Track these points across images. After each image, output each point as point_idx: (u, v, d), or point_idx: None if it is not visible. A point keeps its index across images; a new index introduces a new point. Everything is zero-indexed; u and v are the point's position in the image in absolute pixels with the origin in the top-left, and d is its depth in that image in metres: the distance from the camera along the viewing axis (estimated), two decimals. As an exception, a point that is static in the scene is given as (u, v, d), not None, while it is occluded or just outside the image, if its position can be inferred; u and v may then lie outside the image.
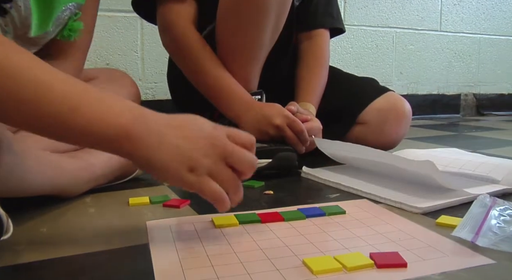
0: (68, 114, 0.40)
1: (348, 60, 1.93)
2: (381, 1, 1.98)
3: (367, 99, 1.04)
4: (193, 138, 0.45)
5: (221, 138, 0.46)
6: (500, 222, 0.51)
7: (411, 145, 1.20)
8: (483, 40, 2.26)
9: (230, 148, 0.46)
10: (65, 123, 0.41)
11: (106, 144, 0.43)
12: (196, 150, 0.44)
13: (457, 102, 2.24)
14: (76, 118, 0.41)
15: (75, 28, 0.72)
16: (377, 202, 0.65)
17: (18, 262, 0.45)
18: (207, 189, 0.45)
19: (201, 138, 0.45)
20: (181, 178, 0.44)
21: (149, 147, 0.43)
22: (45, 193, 0.60)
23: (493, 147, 1.21)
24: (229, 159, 0.46)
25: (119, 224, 0.57)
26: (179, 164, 0.44)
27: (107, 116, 0.41)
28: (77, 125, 0.41)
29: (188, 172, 0.44)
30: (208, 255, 0.45)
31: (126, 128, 0.42)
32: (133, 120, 0.42)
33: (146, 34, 1.53)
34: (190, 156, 0.44)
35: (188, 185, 0.45)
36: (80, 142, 0.45)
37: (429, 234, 0.51)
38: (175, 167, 0.44)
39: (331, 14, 1.10)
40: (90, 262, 0.45)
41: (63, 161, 0.62)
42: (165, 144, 0.43)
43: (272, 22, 0.84)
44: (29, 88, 0.40)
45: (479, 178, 0.73)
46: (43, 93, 0.40)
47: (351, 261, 0.42)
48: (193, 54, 0.88)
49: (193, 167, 0.44)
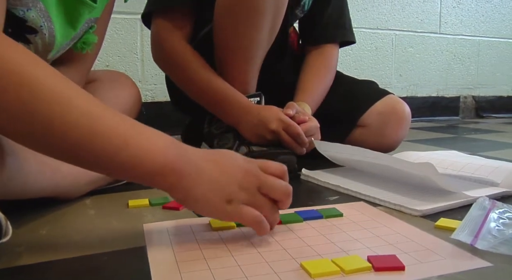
0: (116, 150, 0.42)
1: (348, 62, 1.93)
2: (381, 4, 1.98)
3: (367, 103, 1.04)
4: (229, 172, 0.47)
5: (254, 170, 0.49)
6: (500, 225, 0.51)
7: (411, 147, 1.20)
8: (482, 43, 2.27)
9: (263, 178, 0.49)
10: (112, 158, 0.42)
11: (148, 178, 0.44)
12: (233, 183, 0.47)
13: (457, 105, 2.25)
14: (122, 154, 0.42)
15: (90, 41, 0.72)
16: (376, 204, 0.65)
17: (18, 264, 0.45)
18: (246, 215, 0.47)
19: (236, 172, 0.48)
20: (221, 209, 0.47)
21: (191, 181, 0.45)
22: (46, 195, 0.60)
23: (492, 149, 1.21)
24: (263, 189, 0.48)
25: (119, 226, 0.57)
26: (218, 197, 0.46)
27: (152, 152, 0.43)
28: (122, 160, 0.42)
29: (226, 204, 0.46)
30: (206, 258, 0.45)
31: (171, 163, 0.44)
32: (177, 156, 0.44)
33: (146, 36, 1.53)
34: (228, 188, 0.46)
35: (227, 215, 0.47)
36: (121, 175, 0.47)
37: (427, 237, 0.51)
38: (215, 199, 0.46)
39: (343, 26, 1.10)
40: (90, 264, 0.45)
41: (63, 164, 0.62)
42: (205, 178, 0.46)
43: (269, 22, 0.84)
44: (82, 123, 0.41)
45: (478, 180, 0.73)
46: (95, 128, 0.41)
47: (348, 264, 0.42)
48: (185, 65, 0.89)
49: (231, 198, 0.46)
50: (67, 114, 0.40)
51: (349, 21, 1.13)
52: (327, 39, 1.09)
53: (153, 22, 0.93)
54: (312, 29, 1.09)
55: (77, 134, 0.40)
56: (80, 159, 0.43)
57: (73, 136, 0.40)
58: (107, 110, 0.43)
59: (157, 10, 0.92)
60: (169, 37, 0.90)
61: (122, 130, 0.43)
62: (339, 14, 1.10)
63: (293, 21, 1.08)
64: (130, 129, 0.43)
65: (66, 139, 0.40)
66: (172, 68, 0.93)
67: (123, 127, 0.43)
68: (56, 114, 0.40)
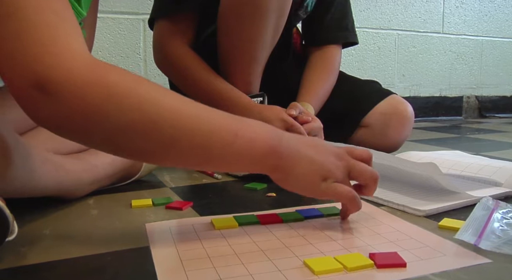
0: (229, 143, 0.45)
1: (351, 62, 1.93)
2: (384, 3, 1.98)
3: (370, 103, 1.04)
4: (323, 154, 0.51)
5: (344, 154, 0.53)
6: (503, 225, 0.51)
7: (414, 147, 1.20)
8: (486, 42, 2.26)
9: (352, 162, 0.52)
10: (226, 151, 0.46)
11: (256, 163, 0.48)
12: (327, 163, 0.50)
13: (460, 104, 2.24)
14: (234, 146, 0.46)
15: None
16: (379, 204, 0.65)
17: (21, 264, 0.45)
18: (341, 192, 0.51)
19: (329, 154, 0.51)
20: (317, 185, 0.50)
21: (290, 161, 0.49)
22: (49, 194, 0.60)
23: (496, 149, 1.21)
24: (353, 172, 0.52)
25: (122, 226, 0.57)
26: (316, 175, 0.50)
27: (260, 140, 0.47)
28: (234, 151, 0.46)
29: (322, 181, 0.50)
30: (210, 256, 0.45)
31: (273, 148, 0.48)
32: (279, 140, 0.48)
33: (148, 36, 1.53)
34: (324, 167, 0.50)
35: (323, 192, 0.50)
36: (232, 165, 0.50)
37: (430, 236, 0.51)
38: (313, 178, 0.50)
39: (346, 27, 1.11)
40: (93, 264, 0.45)
41: (67, 162, 0.62)
42: (303, 158, 0.49)
43: (273, 23, 0.84)
44: (201, 128, 0.44)
45: (481, 180, 0.73)
46: (211, 128, 0.45)
47: (351, 262, 0.43)
48: (186, 69, 0.89)
49: (326, 176, 0.50)
50: (186, 124, 0.44)
51: (352, 22, 1.13)
52: (329, 40, 1.09)
53: (156, 26, 0.94)
54: (315, 30, 1.09)
55: (198, 139, 0.44)
56: (204, 160, 0.46)
57: (195, 141, 0.44)
58: (212, 110, 0.47)
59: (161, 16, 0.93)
60: (171, 42, 0.91)
61: (231, 124, 0.47)
62: (342, 15, 1.10)
63: (296, 22, 1.08)
64: (236, 122, 0.47)
65: (191, 146, 0.44)
66: (173, 73, 0.94)
67: (230, 121, 0.47)
68: (179, 128, 0.43)
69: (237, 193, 0.75)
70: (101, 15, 1.46)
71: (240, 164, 0.48)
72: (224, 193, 0.75)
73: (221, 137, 0.45)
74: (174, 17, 0.91)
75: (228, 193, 0.75)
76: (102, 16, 1.46)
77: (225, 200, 0.70)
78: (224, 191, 0.76)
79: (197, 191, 0.76)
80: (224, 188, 0.78)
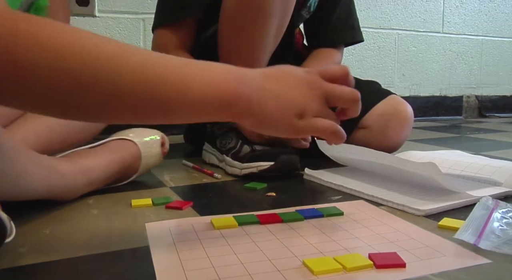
0: (183, 91, 0.40)
1: (351, 62, 1.93)
2: (383, 3, 1.98)
3: (369, 104, 1.03)
4: (293, 86, 0.46)
5: (317, 80, 0.47)
6: (503, 225, 0.51)
7: (414, 147, 1.20)
8: (486, 42, 2.26)
9: (327, 87, 0.47)
10: (180, 101, 0.40)
11: (216, 112, 0.43)
12: (299, 97, 0.45)
13: (460, 104, 2.24)
14: (188, 94, 0.40)
15: (41, 5, 0.71)
16: (379, 204, 0.65)
17: (21, 264, 0.45)
18: (321, 127, 0.46)
19: (299, 85, 0.46)
20: (294, 125, 0.45)
21: (258, 104, 0.44)
22: (41, 197, 0.59)
23: (496, 149, 1.21)
24: (330, 99, 0.47)
25: (122, 226, 0.57)
26: (289, 113, 0.45)
27: (215, 85, 0.42)
28: (189, 100, 0.41)
29: (298, 119, 0.45)
30: (209, 256, 0.45)
31: (235, 92, 0.42)
32: (238, 82, 0.43)
33: (148, 36, 1.53)
34: (297, 103, 0.45)
35: (301, 130, 0.46)
36: (189, 116, 0.43)
37: (430, 236, 0.51)
38: (286, 117, 0.45)
39: (352, 26, 1.11)
40: (93, 264, 0.45)
41: (59, 164, 0.62)
42: (271, 97, 0.44)
43: (275, 25, 0.84)
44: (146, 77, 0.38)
45: (481, 180, 0.73)
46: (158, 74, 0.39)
47: (350, 262, 0.43)
48: None
49: (301, 113, 0.45)
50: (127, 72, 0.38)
51: (357, 21, 1.13)
52: (336, 41, 1.10)
53: (155, 34, 0.95)
54: (321, 30, 1.09)
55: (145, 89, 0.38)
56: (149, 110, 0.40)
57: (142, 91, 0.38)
58: (162, 56, 0.41)
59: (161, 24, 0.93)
60: (169, 48, 0.91)
61: (182, 71, 0.41)
62: (348, 14, 1.10)
63: (299, 22, 1.07)
64: (188, 68, 0.42)
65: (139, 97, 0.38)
66: None
67: (181, 68, 0.41)
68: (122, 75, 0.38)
69: (237, 192, 0.75)
70: (101, 14, 1.46)
71: (199, 114, 0.43)
72: (224, 193, 0.75)
73: (172, 82, 0.40)
74: (173, 25, 0.92)
75: (228, 193, 0.75)
76: (102, 15, 1.46)
77: (225, 199, 0.70)
78: (224, 191, 0.76)
79: (197, 191, 0.76)
80: (224, 188, 0.78)
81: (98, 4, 1.44)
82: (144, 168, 0.78)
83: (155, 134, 0.80)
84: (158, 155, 0.80)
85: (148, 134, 0.79)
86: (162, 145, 0.81)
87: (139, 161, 0.77)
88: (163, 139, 0.81)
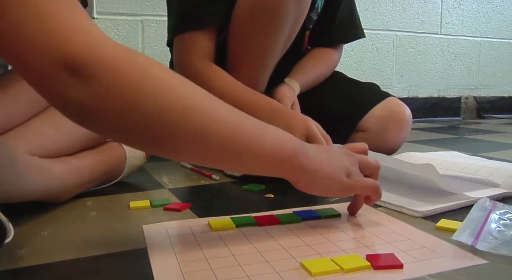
0: (259, 141, 0.46)
1: (349, 63, 1.93)
2: (382, 4, 1.98)
3: (366, 106, 1.03)
4: (335, 154, 0.54)
5: (348, 151, 0.56)
6: (500, 226, 0.51)
7: (412, 148, 1.20)
8: (484, 43, 2.26)
9: (358, 157, 0.56)
10: (257, 150, 0.46)
11: (283, 163, 0.48)
12: (344, 160, 0.53)
13: (458, 105, 2.24)
14: (263, 145, 0.47)
15: None
16: (376, 205, 0.65)
17: (19, 266, 0.45)
18: (367, 184, 0.54)
19: (339, 153, 0.54)
20: (344, 183, 0.52)
21: (316, 161, 0.50)
22: (36, 199, 0.59)
23: (494, 150, 1.21)
24: (361, 165, 0.55)
25: (120, 228, 0.57)
26: (339, 171, 0.52)
27: (284, 143, 0.48)
28: (263, 150, 0.47)
29: (346, 177, 0.52)
30: (207, 258, 0.45)
31: (297, 150, 0.49)
32: (299, 144, 0.50)
33: (147, 37, 1.54)
34: (344, 165, 0.53)
35: (351, 187, 0.53)
36: (259, 165, 0.49)
37: (427, 237, 0.51)
38: (338, 175, 0.51)
39: (354, 24, 1.11)
40: (91, 266, 0.45)
41: (52, 166, 0.62)
42: (323, 159, 0.51)
43: (287, 32, 0.84)
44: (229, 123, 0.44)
45: (479, 181, 0.73)
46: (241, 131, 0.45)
47: (348, 263, 0.43)
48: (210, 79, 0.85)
49: (348, 172, 0.52)
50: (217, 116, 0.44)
51: (359, 18, 1.13)
52: (340, 40, 1.11)
53: (175, 43, 0.90)
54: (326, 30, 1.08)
55: (229, 132, 0.44)
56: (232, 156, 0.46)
57: (225, 134, 0.44)
58: (243, 116, 0.47)
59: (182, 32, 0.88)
60: (192, 59, 0.86)
61: (259, 124, 0.48)
62: (350, 12, 1.10)
63: (309, 25, 1.07)
64: (263, 125, 0.49)
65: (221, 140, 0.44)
66: None
67: (257, 122, 0.48)
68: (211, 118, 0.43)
69: (235, 194, 0.75)
70: (100, 16, 1.46)
71: (268, 164, 0.48)
72: (222, 194, 0.75)
73: (250, 133, 0.46)
74: (197, 32, 0.87)
75: (226, 194, 0.75)
76: (101, 17, 1.46)
77: (223, 201, 0.70)
78: (222, 192, 0.76)
79: (195, 193, 0.76)
80: (222, 189, 0.78)
81: (97, 6, 1.45)
82: (129, 169, 0.79)
83: None
84: (142, 156, 0.81)
85: None
86: None
87: (125, 163, 0.78)
88: None
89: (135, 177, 0.83)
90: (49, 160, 0.63)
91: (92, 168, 0.69)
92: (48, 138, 0.66)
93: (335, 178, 0.51)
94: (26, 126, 0.65)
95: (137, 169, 0.82)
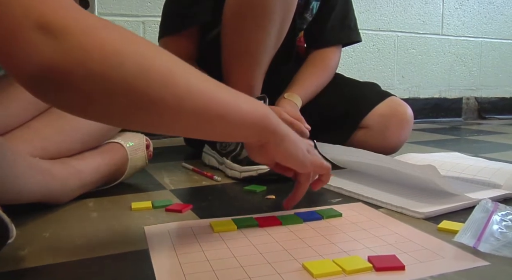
0: (232, 114, 0.47)
1: (350, 64, 1.93)
2: (383, 5, 1.98)
3: (369, 105, 1.04)
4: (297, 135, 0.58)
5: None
6: (502, 228, 0.51)
7: (413, 149, 1.20)
8: (485, 44, 2.26)
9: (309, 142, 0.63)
10: (230, 122, 0.48)
11: (258, 123, 0.51)
12: (304, 141, 0.58)
13: (459, 106, 2.24)
14: (236, 116, 0.48)
15: None
16: (378, 206, 0.65)
17: (21, 267, 0.45)
18: (323, 162, 0.60)
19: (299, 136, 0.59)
20: (306, 154, 0.56)
21: (281, 128, 0.53)
22: (36, 200, 0.59)
23: (495, 151, 1.21)
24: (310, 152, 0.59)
25: (121, 229, 0.57)
26: (303, 145, 0.56)
27: (257, 106, 0.51)
28: (236, 122, 0.48)
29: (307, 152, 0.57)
30: (209, 259, 0.45)
31: (270, 113, 0.52)
32: (270, 110, 0.53)
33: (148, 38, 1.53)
34: (305, 142, 0.57)
35: (311, 161, 0.57)
36: (235, 135, 0.53)
37: (429, 239, 0.51)
38: (301, 146, 0.56)
39: (348, 27, 1.12)
40: (92, 267, 0.45)
41: (53, 167, 0.62)
42: (290, 130, 0.55)
43: (277, 26, 0.84)
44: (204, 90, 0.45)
45: (481, 182, 0.73)
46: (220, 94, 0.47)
47: (350, 265, 0.43)
48: None
49: (308, 150, 0.58)
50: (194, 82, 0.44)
51: (354, 21, 1.13)
52: (332, 42, 1.10)
53: (160, 42, 0.96)
54: (319, 32, 1.09)
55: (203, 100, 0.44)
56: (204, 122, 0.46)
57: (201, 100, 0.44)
58: (218, 82, 0.48)
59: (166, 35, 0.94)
60: None
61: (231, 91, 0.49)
62: (344, 14, 1.11)
63: (303, 25, 1.08)
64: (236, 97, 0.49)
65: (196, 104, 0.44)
66: None
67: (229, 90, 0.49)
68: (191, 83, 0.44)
69: (237, 195, 0.75)
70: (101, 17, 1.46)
71: (245, 124, 0.49)
72: (223, 195, 0.75)
73: (227, 95, 0.47)
74: (178, 35, 0.93)
75: (227, 195, 0.75)
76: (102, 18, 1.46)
77: (224, 202, 0.70)
78: (223, 193, 0.76)
79: (196, 194, 0.76)
80: (223, 190, 0.78)
81: (98, 6, 1.45)
82: (130, 170, 0.79)
83: (140, 138, 0.82)
84: (144, 157, 0.81)
85: (134, 138, 0.81)
86: (147, 147, 0.82)
87: (127, 164, 0.78)
88: (147, 142, 0.83)
89: (137, 178, 0.83)
90: (50, 162, 0.63)
91: (94, 169, 0.70)
92: (49, 139, 0.66)
93: (300, 148, 0.55)
94: (27, 127, 0.65)
95: (138, 170, 0.82)
